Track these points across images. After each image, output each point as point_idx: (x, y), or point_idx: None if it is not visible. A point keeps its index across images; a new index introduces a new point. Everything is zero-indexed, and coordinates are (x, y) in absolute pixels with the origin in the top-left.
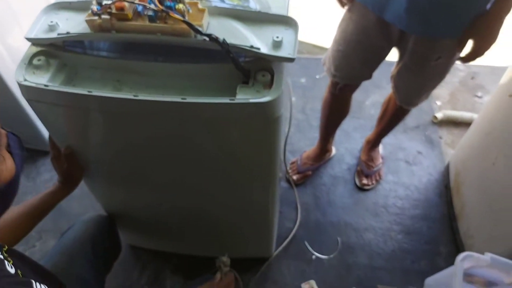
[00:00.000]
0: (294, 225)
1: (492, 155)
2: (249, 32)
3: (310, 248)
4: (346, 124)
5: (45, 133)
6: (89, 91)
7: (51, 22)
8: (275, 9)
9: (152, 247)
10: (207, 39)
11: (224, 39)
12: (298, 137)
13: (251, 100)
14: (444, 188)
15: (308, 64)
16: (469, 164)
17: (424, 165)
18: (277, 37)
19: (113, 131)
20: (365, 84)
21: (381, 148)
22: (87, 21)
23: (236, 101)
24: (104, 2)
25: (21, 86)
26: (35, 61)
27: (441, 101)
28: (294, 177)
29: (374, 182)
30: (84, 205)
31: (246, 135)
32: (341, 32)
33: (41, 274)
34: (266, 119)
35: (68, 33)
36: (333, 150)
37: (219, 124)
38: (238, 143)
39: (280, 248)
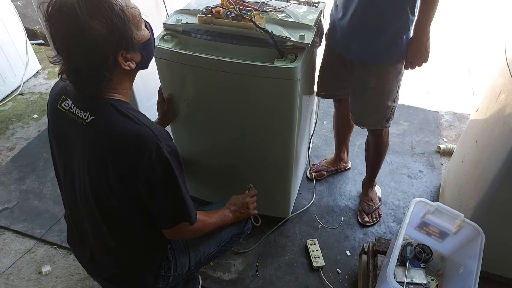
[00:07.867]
0: (309, 203)
1: (461, 155)
2: (286, 31)
3: (318, 220)
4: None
5: None
6: (192, 53)
7: (178, 17)
8: (305, 21)
9: (201, 197)
10: (262, 31)
11: (271, 31)
12: (324, 148)
13: (282, 66)
14: (437, 197)
15: None
16: (451, 170)
17: (423, 180)
18: (302, 33)
19: (199, 84)
20: None
21: (378, 191)
22: (198, 17)
23: (274, 65)
24: (209, 8)
25: (156, 48)
26: (165, 37)
27: (447, 139)
28: (313, 174)
29: (374, 219)
30: None
31: (277, 90)
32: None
33: None
34: (289, 79)
35: (187, 23)
36: (349, 163)
37: (262, 80)
38: (272, 96)
39: (295, 213)
